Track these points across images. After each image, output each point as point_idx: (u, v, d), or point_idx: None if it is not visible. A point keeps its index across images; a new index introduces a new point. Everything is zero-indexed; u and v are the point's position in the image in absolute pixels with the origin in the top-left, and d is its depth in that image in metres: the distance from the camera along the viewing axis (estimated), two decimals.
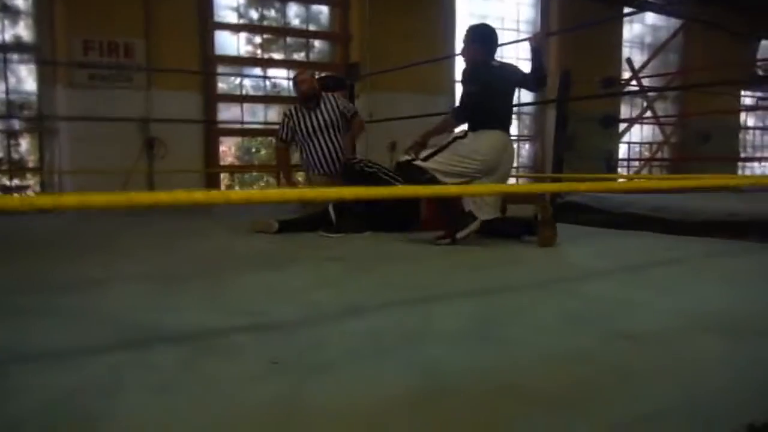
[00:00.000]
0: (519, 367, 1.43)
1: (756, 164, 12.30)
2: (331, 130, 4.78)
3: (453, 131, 3.63)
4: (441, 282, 2.44)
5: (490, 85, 3.51)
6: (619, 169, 9.72)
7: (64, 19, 6.33)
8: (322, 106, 4.81)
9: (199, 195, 1.34)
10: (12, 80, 6.52)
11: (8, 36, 6.45)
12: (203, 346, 1.59)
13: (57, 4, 6.34)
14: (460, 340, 1.62)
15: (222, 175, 7.53)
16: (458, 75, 9.52)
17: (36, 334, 1.70)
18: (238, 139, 7.75)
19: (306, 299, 2.09)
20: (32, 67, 6.52)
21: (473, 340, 1.62)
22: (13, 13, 6.47)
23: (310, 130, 4.76)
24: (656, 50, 10.53)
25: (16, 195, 6.26)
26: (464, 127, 3.56)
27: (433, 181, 3.32)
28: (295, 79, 5.04)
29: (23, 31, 6.52)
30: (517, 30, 9.02)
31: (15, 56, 6.52)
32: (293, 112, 4.88)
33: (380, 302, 2.06)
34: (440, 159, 3.40)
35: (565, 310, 1.90)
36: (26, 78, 6.60)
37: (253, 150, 7.90)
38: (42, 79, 6.50)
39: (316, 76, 5.54)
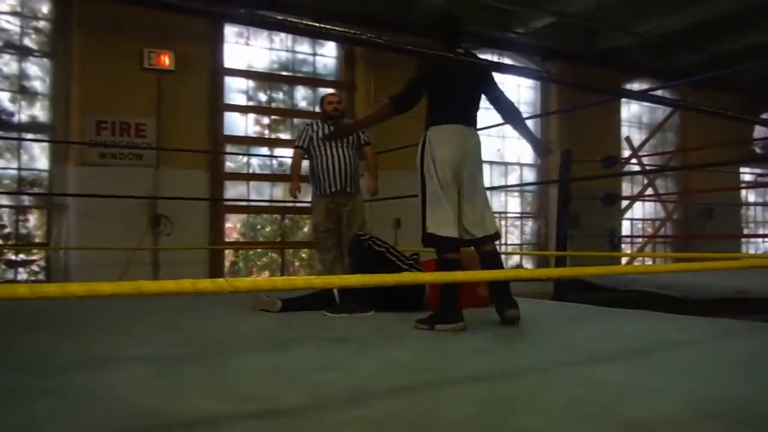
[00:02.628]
0: None
1: (759, 240, 12.33)
2: (345, 147, 4.82)
3: (383, 120, 3.46)
4: (447, 365, 2.42)
5: (448, 74, 3.25)
6: (623, 246, 9.75)
7: (79, 100, 6.54)
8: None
9: (206, 283, 1.36)
10: (25, 158, 6.68)
11: (24, 116, 6.65)
12: None
13: (73, 86, 6.57)
14: (467, 428, 1.60)
15: (226, 252, 7.57)
16: None
17: (36, 418, 1.68)
18: (243, 216, 7.84)
19: (312, 383, 2.07)
20: (45, 145, 6.69)
21: (481, 428, 1.60)
22: (31, 95, 6.70)
23: (326, 141, 4.77)
24: (654, 130, 10.77)
25: (25, 284, 6.32)
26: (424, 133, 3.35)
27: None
28: (323, 98, 5.10)
29: (39, 111, 6.72)
30: None
31: (29, 135, 6.71)
32: (312, 123, 4.98)
33: (387, 386, 2.04)
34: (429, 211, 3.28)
35: (571, 397, 1.88)
36: (39, 156, 6.76)
37: (258, 227, 7.98)
38: (54, 157, 6.65)
39: None
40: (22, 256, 6.78)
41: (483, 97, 3.48)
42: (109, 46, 6.58)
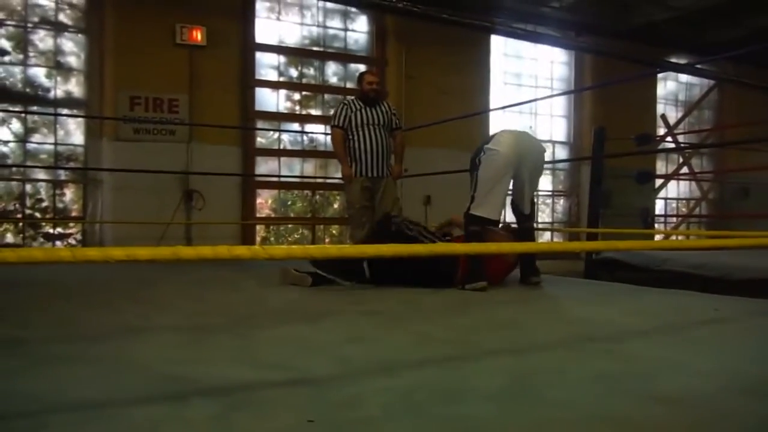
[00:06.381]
0: (556, 430, 1.41)
1: None
2: (382, 129, 4.96)
3: None
4: (475, 338, 2.42)
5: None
6: (657, 226, 9.58)
7: (113, 75, 6.61)
8: (380, 106, 5.03)
9: (242, 250, 1.37)
10: (60, 133, 6.79)
11: (60, 91, 6.75)
12: (236, 400, 1.58)
13: (107, 62, 6.64)
14: (496, 400, 1.60)
15: (258, 227, 7.63)
16: (491, 131, 9.50)
17: (71, 383, 1.72)
18: (274, 192, 7.88)
19: (339, 354, 2.08)
20: (80, 120, 6.79)
21: (509, 400, 1.60)
22: (66, 70, 6.79)
23: (364, 122, 4.90)
24: (691, 107, 10.51)
25: (67, 247, 6.45)
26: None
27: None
28: (362, 75, 5.18)
29: (74, 87, 6.82)
30: (551, 88, 9.09)
31: (65, 110, 6.81)
32: (350, 102, 5.03)
33: (414, 358, 2.05)
34: (480, 193, 3.83)
35: (602, 371, 1.87)
36: (74, 131, 6.86)
37: (289, 203, 8.02)
38: (89, 133, 6.76)
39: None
40: (59, 230, 6.93)
41: None
42: (142, 21, 6.62)
